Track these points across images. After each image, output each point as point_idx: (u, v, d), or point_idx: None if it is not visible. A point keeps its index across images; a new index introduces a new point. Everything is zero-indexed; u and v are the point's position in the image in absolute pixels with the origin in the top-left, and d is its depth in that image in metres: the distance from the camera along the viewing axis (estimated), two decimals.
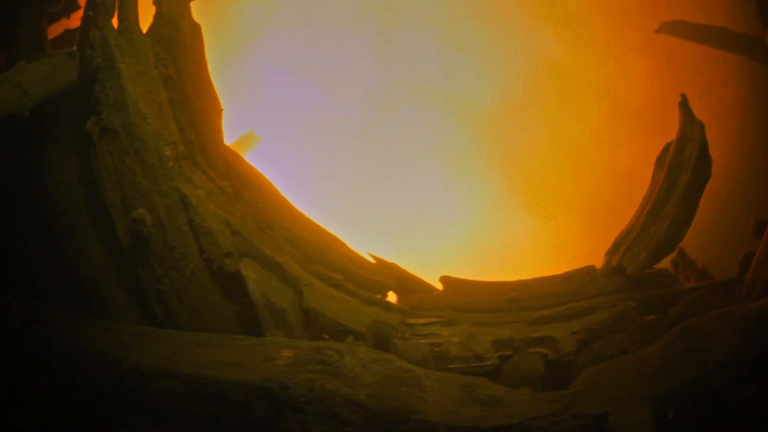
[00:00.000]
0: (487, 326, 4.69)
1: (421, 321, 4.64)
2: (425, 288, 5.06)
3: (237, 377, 3.94)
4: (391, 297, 5.15)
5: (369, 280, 4.88)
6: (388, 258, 5.20)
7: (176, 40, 4.62)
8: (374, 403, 3.68)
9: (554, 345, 4.47)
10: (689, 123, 5.38)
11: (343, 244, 4.98)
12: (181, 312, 4.55)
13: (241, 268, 4.38)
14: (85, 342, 4.47)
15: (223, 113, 4.88)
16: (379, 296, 4.83)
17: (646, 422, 3.40)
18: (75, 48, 4.64)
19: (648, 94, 8.27)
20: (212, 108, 4.86)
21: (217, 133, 4.88)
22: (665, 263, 5.68)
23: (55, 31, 5.35)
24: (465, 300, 4.95)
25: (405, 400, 3.76)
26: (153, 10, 4.73)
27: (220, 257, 4.43)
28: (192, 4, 4.86)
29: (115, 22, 4.42)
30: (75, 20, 5.14)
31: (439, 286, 5.17)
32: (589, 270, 5.19)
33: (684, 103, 5.39)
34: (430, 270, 5.37)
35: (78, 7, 5.19)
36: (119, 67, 4.18)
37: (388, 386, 3.83)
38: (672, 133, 5.47)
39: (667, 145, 5.49)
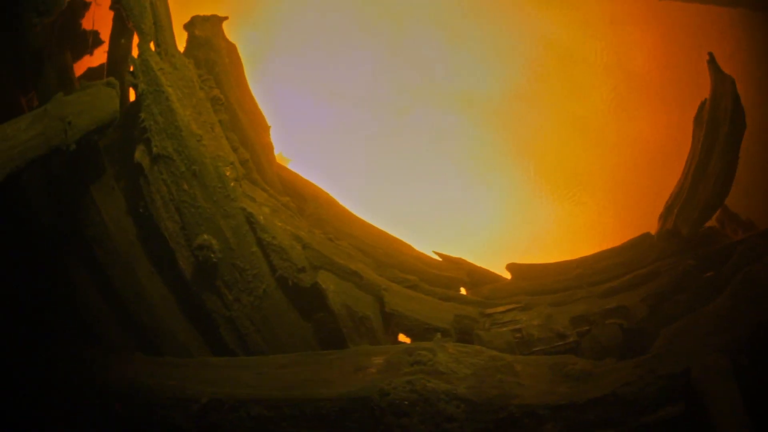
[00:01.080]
0: (562, 305, 4.61)
1: (499, 309, 4.49)
2: (493, 278, 4.89)
3: (330, 393, 3.71)
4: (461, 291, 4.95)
5: (441, 277, 4.67)
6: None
7: (217, 61, 4.36)
8: (474, 395, 3.54)
9: (627, 313, 4.43)
10: (719, 79, 5.27)
11: (409, 246, 4.78)
12: (255, 336, 4.26)
13: (319, 280, 4.09)
14: (155, 383, 4.18)
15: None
16: (453, 292, 4.63)
17: (727, 371, 3.38)
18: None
19: (655, 63, 8.10)
20: (260, 126, 4.62)
21: (270, 150, 4.65)
22: (710, 222, 5.64)
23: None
24: (534, 284, 4.82)
25: (502, 387, 3.61)
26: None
27: (294, 273, 4.15)
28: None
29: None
30: (98, 57, 4.86)
31: (506, 275, 5.02)
32: (645, 237, 5.13)
33: (712, 61, 5.28)
34: None
35: (101, 42, 4.91)
36: (167, 90, 3.89)
37: (484, 376, 3.70)
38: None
39: (702, 104, 5.37)
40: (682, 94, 5.25)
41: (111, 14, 4.53)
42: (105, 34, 4.87)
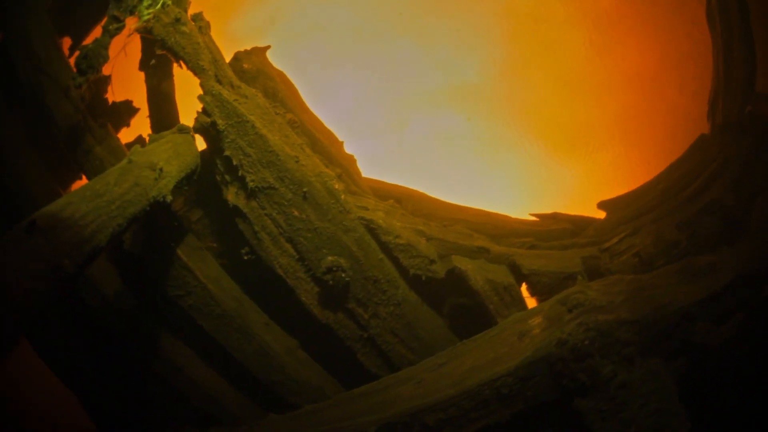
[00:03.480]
0: (662, 219, 4.36)
1: (614, 241, 4.19)
2: (590, 220, 4.61)
3: (505, 367, 3.25)
4: None
5: (550, 232, 4.33)
6: None
7: (277, 88, 3.88)
8: (638, 314, 3.27)
9: (718, 205, 4.24)
10: None
11: (506, 216, 4.45)
12: (399, 348, 3.73)
13: (456, 264, 3.65)
14: None
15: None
16: (566, 241, 4.31)
17: None
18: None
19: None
20: (336, 141, 4.17)
21: (354, 161, 4.20)
22: None
23: None
24: (628, 211, 4.56)
25: (654, 301, 3.35)
26: None
27: (426, 267, 3.64)
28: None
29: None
30: (135, 128, 4.27)
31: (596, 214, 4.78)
32: (702, 138, 4.96)
33: None
34: None
35: (136, 111, 4.32)
36: (251, 119, 3.36)
37: (635, 298, 3.42)
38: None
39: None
40: (658, 23, 5.16)
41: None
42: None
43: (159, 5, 3.25)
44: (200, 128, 3.46)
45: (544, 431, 3.40)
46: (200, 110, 3.43)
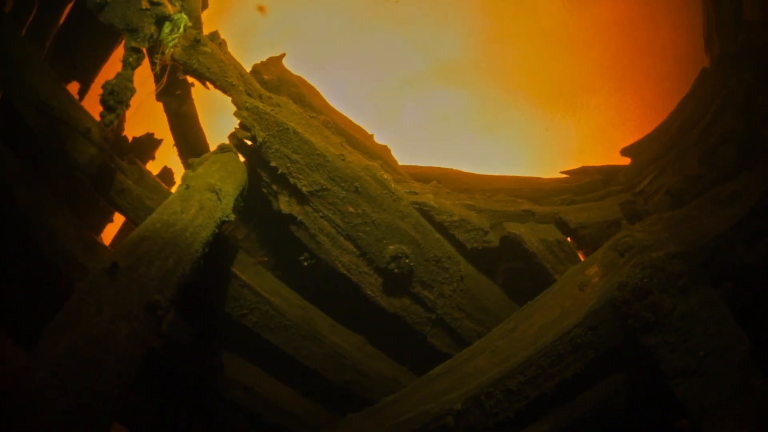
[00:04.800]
0: (684, 156, 4.28)
1: (644, 183, 4.12)
2: (616, 168, 4.53)
3: (574, 319, 3.16)
4: None
5: (582, 186, 4.23)
6: None
7: (302, 93, 3.67)
8: (683, 247, 3.20)
9: (732, 133, 4.17)
10: None
11: (539, 179, 4.36)
12: (467, 323, 3.58)
13: (510, 230, 3.49)
14: (393, 427, 3.45)
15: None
16: (600, 192, 4.21)
17: None
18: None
19: None
20: (366, 134, 3.98)
21: (389, 151, 4.02)
22: None
23: None
24: (650, 154, 4.48)
25: (695, 231, 3.31)
26: None
27: (482, 239, 3.48)
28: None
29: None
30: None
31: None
32: (704, 72, 4.86)
33: None
34: None
35: (159, 142, 4.06)
36: (291, 126, 3.17)
37: (677, 231, 3.36)
38: None
39: None
40: None
41: None
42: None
43: (181, 30, 3.01)
44: (239, 144, 3.24)
45: (615, 375, 3.32)
46: (237, 126, 3.21)
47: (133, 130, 4.15)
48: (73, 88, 4.04)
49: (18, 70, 3.76)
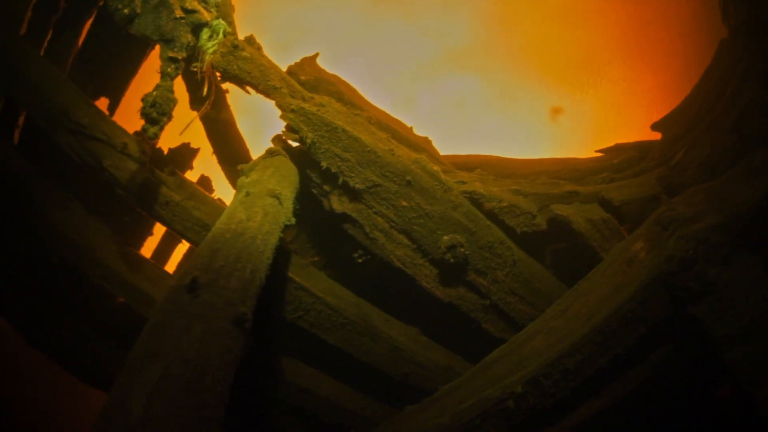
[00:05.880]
0: (713, 128, 4.08)
1: (678, 157, 3.96)
2: (649, 144, 4.38)
3: (625, 294, 3.02)
4: None
5: (620, 164, 4.11)
6: None
7: (341, 91, 3.49)
8: (722, 217, 3.07)
9: (758, 103, 3.94)
10: None
11: (576, 158, 4.22)
12: (520, 306, 3.43)
13: (557, 212, 3.36)
14: (453, 414, 3.30)
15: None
16: (637, 168, 4.08)
17: None
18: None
19: None
20: (406, 128, 3.80)
21: (430, 142, 3.85)
22: None
23: None
24: (680, 127, 4.32)
25: (729, 203, 3.16)
26: None
27: (531, 223, 3.33)
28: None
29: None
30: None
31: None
32: (723, 42, 4.68)
33: None
34: None
35: (197, 151, 3.83)
36: (339, 125, 2.97)
37: (716, 202, 3.23)
38: None
39: None
40: None
41: None
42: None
43: (220, 35, 2.80)
44: (285, 147, 3.05)
45: (664, 347, 3.22)
46: (283, 129, 3.01)
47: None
48: (102, 104, 3.81)
49: (41, 90, 3.52)
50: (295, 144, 3.10)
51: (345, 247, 3.25)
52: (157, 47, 3.68)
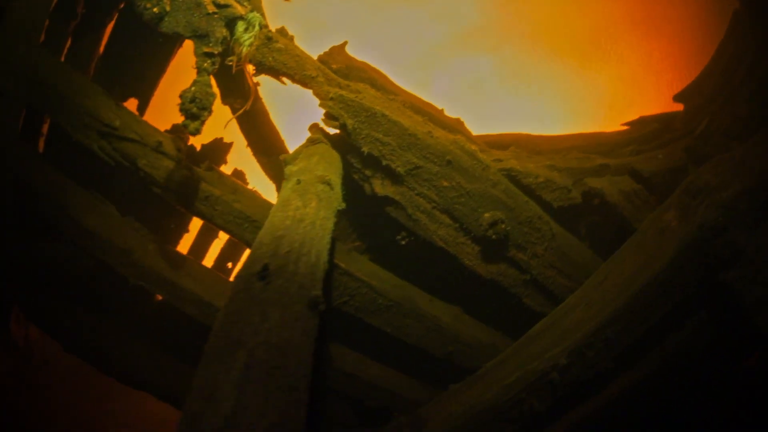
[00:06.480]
0: (733, 98, 4.06)
1: (701, 127, 3.93)
2: (672, 115, 4.35)
3: (659, 264, 2.98)
4: None
5: (645, 135, 4.07)
6: None
7: (373, 77, 3.44)
8: (747, 185, 3.06)
9: None
10: None
11: (601, 133, 4.19)
12: (559, 280, 3.40)
13: (591, 185, 3.34)
14: (498, 389, 3.29)
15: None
16: (661, 139, 4.07)
17: None
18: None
19: None
20: (438, 110, 3.77)
21: (462, 123, 3.81)
22: None
23: None
24: (701, 98, 4.27)
25: (753, 171, 3.14)
26: None
27: (566, 197, 3.31)
28: None
29: None
30: None
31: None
32: (734, 17, 4.58)
33: None
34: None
35: (229, 146, 3.76)
36: (379, 110, 2.93)
37: (739, 170, 3.16)
38: None
39: None
40: None
41: None
42: None
43: (256, 28, 2.73)
44: (325, 135, 2.99)
45: (697, 315, 3.22)
46: (323, 117, 2.96)
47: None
48: (131, 105, 3.72)
49: (67, 96, 3.43)
50: (332, 131, 3.05)
51: (386, 230, 3.21)
52: (186, 44, 3.62)
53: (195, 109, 2.79)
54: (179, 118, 3.83)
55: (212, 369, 1.80)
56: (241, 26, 2.79)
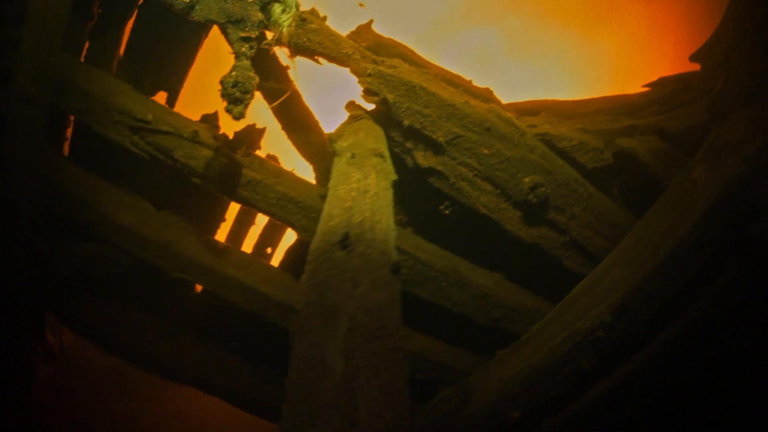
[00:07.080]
0: (749, 55, 4.08)
1: (719, 86, 3.90)
2: (690, 75, 4.33)
3: (692, 220, 3.02)
4: None
5: (662, 98, 4.06)
6: None
7: (403, 53, 3.42)
8: (764, 140, 3.12)
9: None
10: None
11: (622, 95, 4.21)
12: (597, 240, 3.41)
13: (626, 145, 3.36)
14: (548, 351, 3.30)
15: None
16: (679, 101, 4.08)
17: None
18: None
19: None
20: (466, 81, 3.73)
21: (492, 91, 3.80)
22: None
23: None
24: (716, 58, 4.21)
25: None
26: None
27: (599, 158, 3.31)
28: None
29: None
30: None
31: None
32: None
33: None
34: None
35: (263, 131, 3.70)
36: (417, 83, 2.90)
37: (758, 127, 3.23)
38: None
39: None
40: None
41: None
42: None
43: (293, 9, 2.69)
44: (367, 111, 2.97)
45: (730, 268, 3.23)
46: (362, 94, 2.93)
47: None
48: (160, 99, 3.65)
49: (94, 95, 3.35)
50: (370, 107, 3.02)
51: (426, 202, 3.20)
52: (212, 32, 3.54)
53: (238, 93, 2.74)
54: (204, 110, 3.78)
55: (314, 337, 1.78)
56: (278, 8, 2.73)
